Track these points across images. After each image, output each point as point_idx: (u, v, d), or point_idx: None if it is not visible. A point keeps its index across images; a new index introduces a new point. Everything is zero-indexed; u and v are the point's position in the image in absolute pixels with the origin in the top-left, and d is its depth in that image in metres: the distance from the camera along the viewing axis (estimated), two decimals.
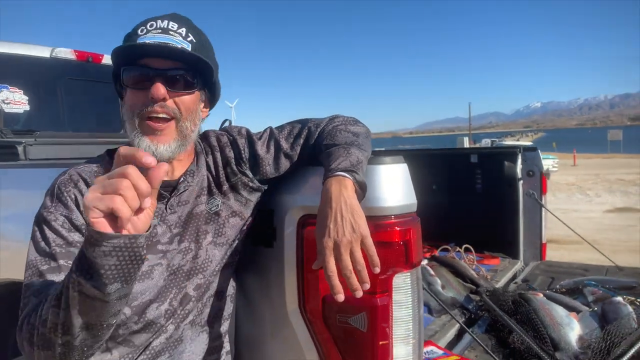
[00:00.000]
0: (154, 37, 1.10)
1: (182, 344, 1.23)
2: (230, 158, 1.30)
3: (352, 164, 1.12)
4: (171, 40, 1.11)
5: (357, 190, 1.08)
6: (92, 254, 0.79)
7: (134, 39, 1.11)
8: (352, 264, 1.01)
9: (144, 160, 0.74)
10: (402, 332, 1.24)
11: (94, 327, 0.89)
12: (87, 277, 0.81)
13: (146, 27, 1.12)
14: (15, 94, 2.90)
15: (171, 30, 1.12)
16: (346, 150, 1.17)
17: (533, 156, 3.14)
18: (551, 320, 1.79)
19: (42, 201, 1.14)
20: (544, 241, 3.16)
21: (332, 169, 1.10)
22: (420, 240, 1.30)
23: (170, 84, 1.11)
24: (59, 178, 1.15)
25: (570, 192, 16.08)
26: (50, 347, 0.90)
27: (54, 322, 0.88)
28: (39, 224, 1.08)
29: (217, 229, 1.26)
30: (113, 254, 0.79)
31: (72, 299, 0.85)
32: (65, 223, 1.07)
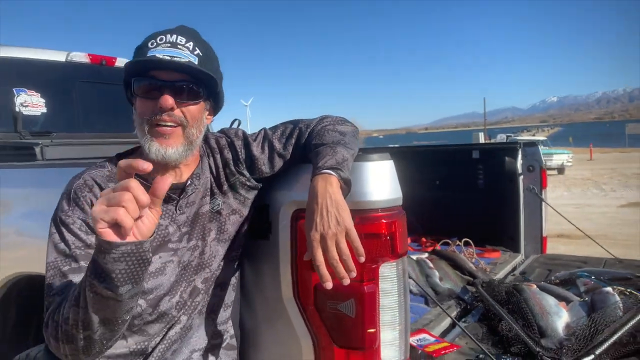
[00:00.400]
0: (163, 51, 1.19)
1: (190, 330, 1.35)
2: (229, 159, 1.40)
3: (337, 162, 1.21)
4: (179, 54, 1.20)
5: (342, 186, 1.17)
6: (102, 260, 0.89)
7: (144, 52, 1.20)
8: (338, 254, 1.10)
9: (140, 167, 0.85)
10: (389, 319, 1.33)
11: (111, 322, 1.00)
12: (100, 280, 0.91)
13: (156, 40, 1.21)
14: (33, 97, 3.04)
15: (179, 44, 1.22)
16: (332, 149, 1.26)
17: (533, 151, 3.19)
18: (540, 309, 1.87)
19: (57, 201, 1.24)
20: (545, 235, 3.21)
21: (319, 167, 1.20)
22: (406, 232, 1.38)
23: (177, 94, 1.21)
24: (74, 182, 1.23)
25: (586, 187, 15.93)
26: (74, 341, 1.01)
27: (75, 320, 0.99)
28: (57, 226, 1.17)
29: (219, 227, 1.37)
30: (122, 259, 0.89)
31: (89, 299, 0.95)
32: (83, 226, 1.17)
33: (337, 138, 1.32)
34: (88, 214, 1.18)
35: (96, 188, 1.22)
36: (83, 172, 1.27)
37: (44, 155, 2.42)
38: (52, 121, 3.16)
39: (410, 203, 1.40)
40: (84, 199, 1.19)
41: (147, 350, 1.27)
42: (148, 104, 1.21)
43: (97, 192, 1.22)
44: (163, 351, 1.29)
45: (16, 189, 2.19)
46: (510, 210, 3.20)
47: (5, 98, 2.95)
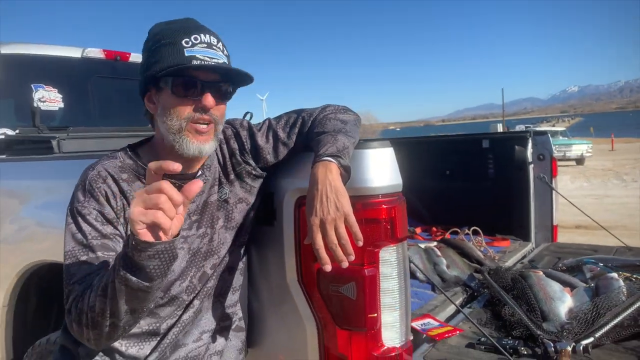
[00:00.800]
0: (202, 52, 1.23)
1: (200, 313, 1.41)
2: (235, 149, 1.44)
3: (338, 149, 1.25)
4: (216, 55, 1.25)
5: (342, 174, 1.21)
6: (138, 258, 0.96)
7: (179, 50, 1.22)
8: (337, 239, 1.15)
9: (170, 168, 0.91)
10: (389, 301, 1.37)
11: (136, 311, 1.08)
12: (134, 274, 0.98)
13: (191, 39, 1.23)
14: (50, 93, 3.12)
15: (214, 45, 1.26)
16: (333, 137, 1.30)
17: (543, 140, 3.19)
18: (544, 295, 1.89)
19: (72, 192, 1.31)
20: (555, 223, 3.21)
21: (319, 155, 1.24)
22: (406, 217, 1.42)
23: (215, 94, 1.26)
24: (89, 173, 1.28)
25: (606, 178, 15.68)
26: (98, 327, 1.09)
27: (101, 309, 1.05)
28: (74, 217, 1.23)
29: (227, 215, 1.42)
30: (156, 256, 0.97)
31: (119, 291, 1.01)
32: (99, 217, 1.22)
33: (338, 126, 1.36)
34: (103, 204, 1.23)
35: (109, 179, 1.27)
36: (96, 163, 1.31)
37: (60, 149, 2.50)
38: (69, 116, 3.25)
39: (421, 193, 1.44)
40: (98, 190, 1.24)
41: (159, 331, 1.33)
42: (187, 102, 1.24)
43: (111, 182, 1.26)
44: (176, 333, 1.35)
45: (35, 181, 2.27)
46: (520, 199, 3.20)
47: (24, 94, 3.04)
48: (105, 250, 1.19)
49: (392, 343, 1.38)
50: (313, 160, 1.25)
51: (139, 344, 1.32)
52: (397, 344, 1.39)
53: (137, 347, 1.32)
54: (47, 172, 2.27)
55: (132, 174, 1.31)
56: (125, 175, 1.29)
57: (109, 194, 1.25)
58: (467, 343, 1.71)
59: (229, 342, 1.48)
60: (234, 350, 1.49)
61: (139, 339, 1.32)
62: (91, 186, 1.25)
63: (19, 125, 3.01)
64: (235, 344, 1.50)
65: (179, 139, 1.25)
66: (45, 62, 3.20)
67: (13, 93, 3.13)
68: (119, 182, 1.28)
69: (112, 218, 1.24)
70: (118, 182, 1.28)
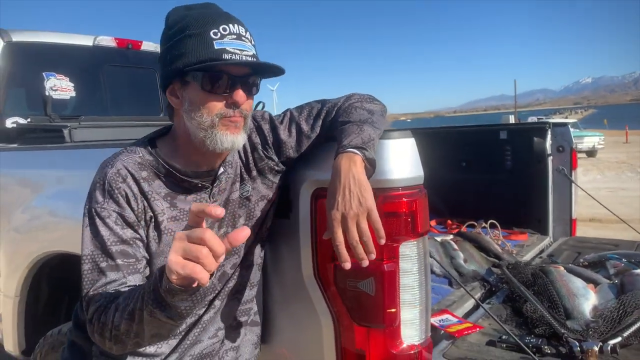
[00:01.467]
0: (232, 44, 1.15)
1: (217, 309, 1.36)
2: (257, 144, 1.37)
3: (363, 141, 1.19)
4: (246, 47, 1.17)
5: (366, 167, 1.15)
6: (170, 299, 0.93)
7: (207, 41, 1.14)
8: (359, 235, 1.09)
9: (214, 214, 0.85)
10: (409, 298, 1.33)
11: (163, 336, 1.07)
12: (163, 310, 0.96)
13: (219, 30, 1.15)
14: (62, 81, 3.10)
15: (243, 37, 1.18)
16: (359, 127, 1.23)
17: (563, 131, 3.10)
18: (567, 291, 1.82)
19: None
20: (574, 217, 3.13)
21: (343, 146, 1.18)
22: (427, 211, 1.37)
23: (246, 89, 1.20)
24: (107, 171, 1.20)
25: (620, 170, 15.48)
26: (121, 343, 1.07)
27: (126, 330, 1.03)
28: (92, 218, 1.17)
29: (248, 213, 1.37)
30: (188, 299, 0.95)
31: (145, 320, 0.99)
32: (119, 219, 1.16)
33: (364, 116, 1.29)
34: (123, 207, 1.17)
35: (130, 178, 1.20)
36: (115, 159, 1.23)
37: (72, 138, 2.48)
38: (81, 104, 3.23)
39: (436, 185, 1.39)
40: (118, 191, 1.18)
41: (180, 333, 1.30)
42: (218, 98, 1.17)
43: (131, 182, 1.20)
44: (191, 330, 1.32)
45: (47, 170, 2.25)
46: (538, 191, 3.12)
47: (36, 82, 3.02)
48: (125, 258, 1.15)
49: (411, 340, 1.34)
50: (336, 150, 1.20)
51: (157, 344, 1.28)
52: (417, 342, 1.35)
53: (155, 346, 1.28)
54: (59, 161, 2.24)
55: (151, 172, 1.24)
56: (145, 174, 1.23)
57: (129, 195, 1.19)
58: (488, 340, 1.65)
59: (244, 337, 1.45)
60: (249, 344, 1.46)
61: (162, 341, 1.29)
62: (111, 186, 1.18)
63: (31, 114, 3.00)
64: (250, 339, 1.47)
65: (211, 134, 1.18)
66: (57, 50, 3.18)
67: (24, 81, 3.12)
68: (140, 182, 1.21)
69: (133, 221, 1.18)
70: (138, 181, 1.21)
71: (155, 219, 1.21)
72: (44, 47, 3.13)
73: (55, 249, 2.11)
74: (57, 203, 2.14)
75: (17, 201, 2.29)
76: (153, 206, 1.21)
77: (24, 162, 2.41)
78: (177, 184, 1.24)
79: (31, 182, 2.29)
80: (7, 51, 2.93)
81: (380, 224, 1.11)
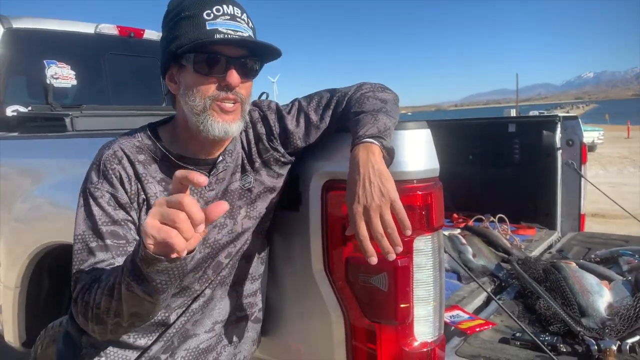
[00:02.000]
0: (225, 24, 1.12)
1: (212, 302, 1.32)
2: (262, 134, 1.33)
3: (379, 130, 1.14)
4: (240, 28, 1.14)
5: (384, 156, 1.11)
6: (146, 270, 0.89)
7: (199, 22, 1.12)
8: (383, 228, 1.04)
9: (195, 180, 0.81)
10: (423, 294, 1.29)
11: (142, 317, 1.02)
12: (139, 283, 0.92)
13: (212, 11, 1.12)
14: (63, 69, 3.05)
15: (237, 17, 1.15)
16: (374, 117, 1.19)
17: (573, 125, 3.05)
18: (580, 288, 1.78)
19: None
20: (583, 212, 3.09)
21: (359, 136, 1.13)
22: (442, 204, 1.32)
23: (241, 71, 1.16)
24: (104, 152, 1.20)
25: (622, 166, 15.44)
26: (102, 323, 1.04)
27: (106, 307, 1.00)
28: (86, 198, 1.16)
29: (249, 204, 1.33)
30: (164, 272, 0.89)
31: (124, 295, 0.96)
32: (111, 200, 1.15)
33: (378, 105, 1.24)
34: (116, 188, 1.16)
35: (125, 160, 1.19)
36: (113, 141, 1.24)
37: (74, 127, 2.43)
38: (82, 93, 3.18)
39: (442, 177, 1.34)
40: (112, 172, 1.17)
41: (168, 321, 1.26)
42: (211, 80, 1.14)
43: (126, 164, 1.19)
44: (184, 322, 1.28)
45: (48, 159, 2.21)
46: (547, 186, 3.07)
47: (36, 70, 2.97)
48: (115, 239, 1.13)
49: (424, 338, 1.30)
50: (352, 141, 1.15)
51: (149, 335, 1.25)
52: (430, 339, 1.31)
53: (146, 338, 1.25)
54: (61, 151, 2.20)
55: (149, 156, 1.22)
56: (142, 157, 1.21)
57: (123, 176, 1.17)
58: (501, 338, 1.62)
59: (245, 333, 1.40)
60: (248, 341, 1.42)
61: (147, 330, 1.25)
62: (105, 167, 1.17)
63: (31, 102, 2.95)
64: (251, 335, 1.42)
65: (203, 119, 1.15)
66: (58, 38, 3.13)
67: (25, 69, 3.07)
68: (135, 164, 1.20)
69: (125, 203, 1.16)
70: (134, 163, 1.20)
71: (148, 202, 1.19)
72: (45, 34, 3.08)
73: (56, 240, 2.07)
74: (59, 193, 2.10)
75: (17, 191, 2.25)
76: (146, 189, 1.19)
77: (26, 151, 2.36)
78: (173, 169, 1.21)
79: (32, 171, 2.25)
80: (8, 38, 2.88)
81: (405, 214, 1.06)
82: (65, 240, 2.00)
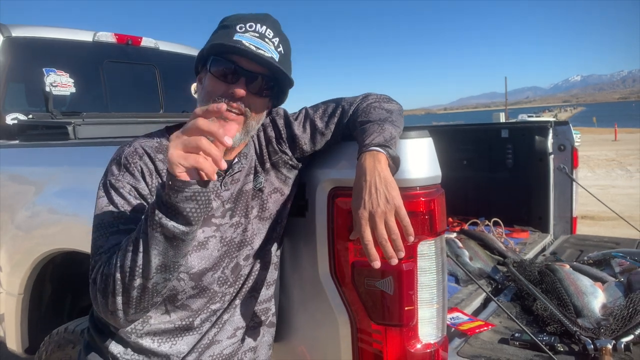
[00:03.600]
0: (250, 40, 1.19)
1: (235, 308, 1.36)
2: (272, 137, 1.39)
3: (385, 139, 1.19)
4: (265, 47, 1.20)
5: (390, 164, 1.15)
6: (175, 199, 0.93)
7: (230, 34, 1.20)
8: (387, 233, 1.08)
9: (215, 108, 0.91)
10: (427, 296, 1.33)
11: (168, 268, 1.03)
12: (171, 217, 0.96)
13: (245, 26, 1.20)
14: (62, 77, 3.07)
15: (267, 37, 1.21)
16: (380, 126, 1.24)
17: (564, 130, 3.13)
18: (575, 290, 1.84)
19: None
20: (575, 215, 3.16)
21: (366, 144, 1.18)
22: (445, 210, 1.37)
23: (251, 84, 1.22)
24: (125, 149, 1.25)
25: (610, 168, 15.64)
26: (125, 292, 1.03)
27: (130, 267, 1.01)
28: (106, 190, 1.19)
29: (261, 204, 1.37)
30: (192, 198, 0.94)
31: (152, 240, 0.98)
32: (132, 191, 1.19)
33: (383, 115, 1.30)
34: (138, 179, 1.20)
35: (146, 157, 1.24)
36: (132, 141, 1.28)
37: (76, 135, 2.45)
38: (80, 100, 3.19)
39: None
40: (134, 165, 1.21)
41: (192, 326, 1.29)
42: (220, 85, 1.21)
43: (147, 160, 1.23)
44: (207, 328, 1.31)
45: (50, 167, 2.23)
46: (539, 190, 3.15)
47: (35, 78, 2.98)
48: (136, 224, 1.13)
49: (428, 339, 1.34)
50: (359, 150, 1.20)
51: (172, 340, 1.28)
52: (434, 340, 1.35)
53: (169, 343, 1.27)
54: (63, 159, 2.22)
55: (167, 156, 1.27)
56: (162, 156, 1.26)
57: (144, 170, 1.22)
58: (500, 338, 1.67)
59: (262, 338, 1.44)
60: (265, 346, 1.46)
61: (171, 335, 1.28)
62: (127, 160, 1.22)
63: (30, 110, 2.96)
64: (267, 340, 1.46)
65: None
66: (57, 46, 3.14)
67: (24, 77, 3.08)
68: (155, 161, 1.25)
69: (146, 194, 1.21)
70: (154, 160, 1.24)
71: None
72: (44, 43, 3.09)
73: (58, 247, 2.09)
74: (61, 201, 2.12)
75: (21, 199, 2.26)
76: None
77: (28, 159, 2.38)
78: None
79: (36, 179, 2.27)
80: (7, 46, 2.90)
81: (409, 221, 1.10)
82: (68, 247, 2.03)
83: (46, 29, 3.14)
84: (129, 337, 1.26)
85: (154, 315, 1.26)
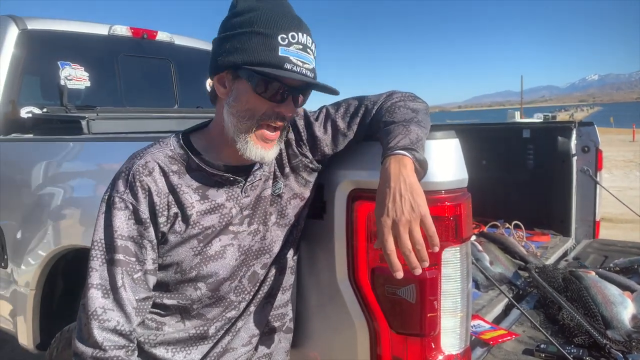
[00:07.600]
0: (297, 54, 1.11)
1: (250, 315, 1.31)
2: (291, 140, 1.32)
3: (411, 141, 1.12)
4: (308, 60, 1.14)
5: (417, 169, 1.09)
6: None
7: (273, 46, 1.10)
8: (411, 243, 1.02)
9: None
10: (450, 305, 1.27)
11: None
12: None
13: (288, 37, 1.11)
14: (77, 71, 3.04)
15: (308, 48, 1.14)
16: (405, 127, 1.16)
17: (589, 131, 3.03)
18: (603, 299, 1.77)
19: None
20: (598, 219, 3.07)
21: (391, 147, 1.11)
22: (471, 215, 1.31)
23: (296, 101, 1.17)
24: (135, 162, 1.18)
25: (628, 169, 15.36)
26: None
27: None
28: (109, 206, 1.15)
29: (280, 211, 1.31)
30: None
31: None
32: (132, 215, 1.14)
33: (409, 115, 1.22)
34: (140, 201, 1.14)
35: (157, 172, 1.16)
36: (145, 151, 1.21)
37: (90, 129, 2.42)
38: (95, 94, 3.17)
39: None
40: (140, 183, 1.14)
41: (206, 334, 1.24)
42: (266, 104, 1.14)
43: (157, 176, 1.16)
44: (222, 336, 1.27)
45: (64, 162, 2.20)
46: (561, 192, 3.05)
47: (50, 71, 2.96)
48: (127, 254, 1.12)
49: (451, 350, 1.29)
50: (383, 153, 1.13)
51: (186, 349, 1.24)
52: (456, 351, 1.29)
53: (183, 352, 1.23)
54: (77, 153, 2.19)
55: (182, 165, 1.20)
56: (176, 167, 1.19)
57: (152, 189, 1.15)
58: (525, 349, 1.60)
59: (278, 344, 1.39)
60: (282, 352, 1.41)
61: (185, 344, 1.24)
62: (134, 178, 1.15)
63: (45, 104, 2.94)
64: (284, 346, 1.41)
65: (243, 139, 1.15)
66: (72, 39, 3.11)
67: (39, 70, 3.06)
68: (169, 176, 1.18)
69: (145, 218, 1.14)
70: (167, 175, 1.17)
71: (184, 213, 1.17)
72: (59, 36, 3.06)
73: (71, 243, 2.06)
74: (74, 196, 2.09)
75: (33, 194, 2.24)
76: (182, 200, 1.17)
77: (41, 154, 2.35)
78: (209, 177, 1.21)
79: (47, 174, 2.24)
80: (22, 39, 2.87)
81: (435, 231, 1.04)
82: (80, 244, 2.00)
83: (61, 22, 3.11)
84: (142, 347, 1.21)
85: (168, 324, 1.22)
